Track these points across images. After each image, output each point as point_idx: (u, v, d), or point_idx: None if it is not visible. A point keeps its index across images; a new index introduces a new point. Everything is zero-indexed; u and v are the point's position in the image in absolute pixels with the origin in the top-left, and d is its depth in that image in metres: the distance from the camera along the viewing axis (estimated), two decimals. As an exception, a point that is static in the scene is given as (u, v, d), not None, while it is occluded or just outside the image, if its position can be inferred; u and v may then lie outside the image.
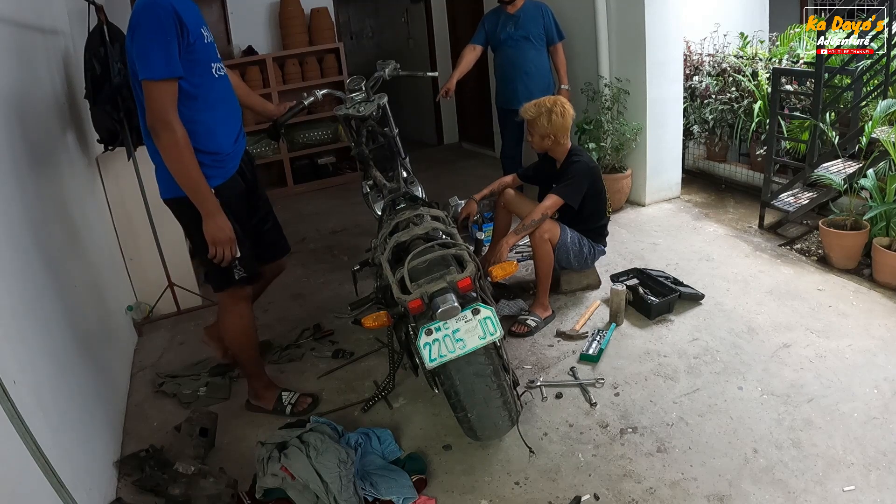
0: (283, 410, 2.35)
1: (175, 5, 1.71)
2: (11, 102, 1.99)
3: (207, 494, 1.85)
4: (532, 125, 2.79)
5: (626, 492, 1.85)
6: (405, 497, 1.87)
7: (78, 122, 2.79)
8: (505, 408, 1.93)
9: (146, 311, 3.18)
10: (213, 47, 1.92)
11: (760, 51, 4.16)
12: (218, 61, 1.96)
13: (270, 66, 5.16)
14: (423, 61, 6.47)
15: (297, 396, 2.39)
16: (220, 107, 1.95)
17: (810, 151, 3.38)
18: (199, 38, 1.81)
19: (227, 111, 2.00)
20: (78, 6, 2.86)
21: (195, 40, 1.78)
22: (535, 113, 2.76)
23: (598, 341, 2.58)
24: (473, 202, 3.05)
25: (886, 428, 1.99)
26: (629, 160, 4.12)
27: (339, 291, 3.39)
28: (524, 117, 2.82)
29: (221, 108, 1.96)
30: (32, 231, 1.92)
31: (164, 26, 1.68)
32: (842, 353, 2.39)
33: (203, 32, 1.85)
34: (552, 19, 3.83)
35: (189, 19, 1.76)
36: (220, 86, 1.95)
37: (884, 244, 2.84)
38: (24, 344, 1.64)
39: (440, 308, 1.73)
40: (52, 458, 1.49)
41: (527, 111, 2.79)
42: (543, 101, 2.78)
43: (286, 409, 2.35)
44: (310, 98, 2.67)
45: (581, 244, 2.87)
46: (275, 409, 2.36)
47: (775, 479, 1.83)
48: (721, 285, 2.99)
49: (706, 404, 2.20)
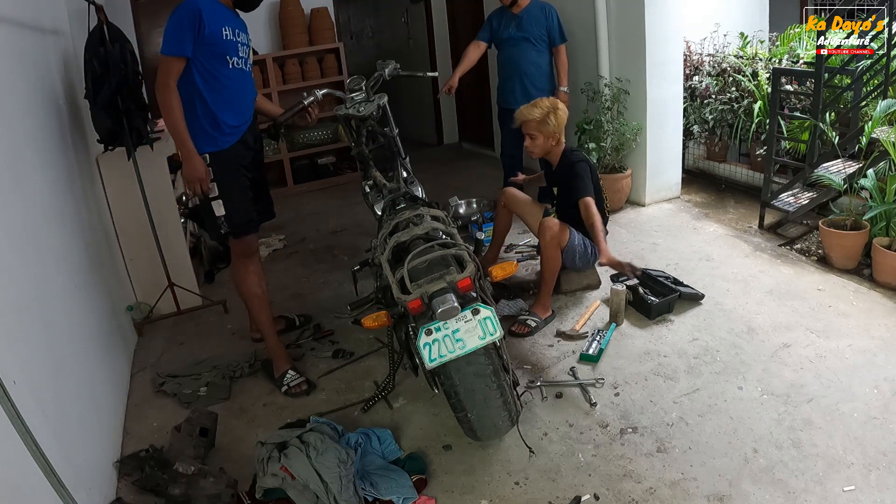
0: (280, 386, 2.51)
1: (201, 6, 2.16)
2: (11, 102, 1.99)
3: (207, 494, 1.85)
4: (540, 126, 2.74)
5: (626, 492, 1.85)
6: (405, 497, 1.87)
7: (78, 122, 2.79)
8: (505, 408, 1.93)
9: (146, 311, 3.18)
10: (233, 44, 2.30)
11: (760, 51, 4.17)
12: (237, 55, 2.33)
13: (270, 66, 5.16)
14: (423, 61, 6.47)
15: (299, 380, 2.51)
16: (228, 89, 2.32)
17: (810, 151, 3.38)
18: (216, 34, 2.22)
19: (233, 94, 2.35)
20: (78, 6, 2.86)
21: (211, 34, 2.19)
22: (542, 113, 2.73)
23: (598, 341, 2.58)
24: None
25: (886, 428, 1.99)
26: (629, 160, 4.12)
27: (339, 291, 3.39)
28: (528, 118, 2.75)
29: (228, 90, 2.32)
30: (32, 231, 1.93)
31: (184, 19, 2.15)
32: (842, 353, 2.39)
33: (224, 31, 2.25)
34: (556, 21, 3.83)
35: (210, 19, 2.18)
36: (231, 73, 2.32)
37: (884, 244, 2.84)
38: (24, 344, 1.64)
39: (440, 308, 1.73)
40: (52, 458, 1.49)
41: (531, 112, 2.74)
42: (542, 102, 2.77)
43: (282, 388, 2.50)
44: (310, 98, 2.67)
45: (585, 245, 2.87)
46: (277, 379, 2.54)
47: (775, 479, 1.83)
48: (721, 285, 2.99)
49: (706, 404, 2.20)
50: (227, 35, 2.27)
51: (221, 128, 2.34)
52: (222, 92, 2.30)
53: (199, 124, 2.31)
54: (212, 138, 2.34)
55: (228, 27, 2.28)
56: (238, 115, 2.39)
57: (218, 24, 2.24)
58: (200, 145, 2.33)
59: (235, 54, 2.33)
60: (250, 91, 2.49)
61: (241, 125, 2.41)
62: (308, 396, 2.47)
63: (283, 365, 2.56)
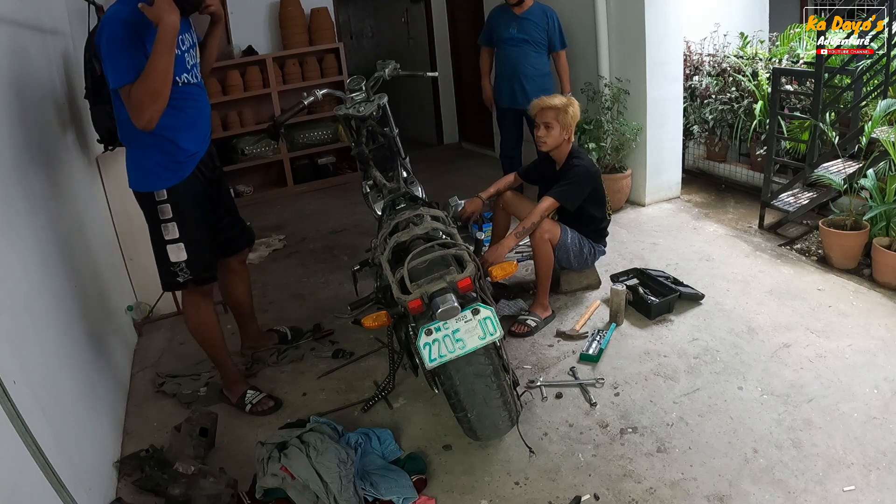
0: (243, 408, 2.40)
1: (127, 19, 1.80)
2: (11, 102, 1.99)
3: (207, 494, 1.85)
4: (559, 115, 2.72)
5: (626, 492, 1.85)
6: (405, 497, 1.87)
7: (78, 122, 2.79)
8: (505, 408, 1.92)
9: (146, 311, 3.18)
10: (179, 59, 1.95)
11: (760, 51, 4.17)
12: (186, 71, 2.02)
13: (270, 66, 5.16)
14: (423, 61, 6.46)
15: (260, 397, 2.41)
16: (182, 111, 2.02)
17: (810, 151, 3.38)
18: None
19: (190, 115, 2.07)
20: (78, 6, 2.86)
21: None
22: (563, 103, 2.72)
23: (598, 341, 2.58)
24: (479, 200, 3.04)
25: (886, 428, 1.99)
26: (629, 160, 4.12)
27: (339, 291, 3.39)
28: (548, 105, 2.72)
29: (183, 112, 2.03)
30: (32, 231, 1.93)
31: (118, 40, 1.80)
32: (842, 353, 2.39)
33: None
34: (557, 26, 3.83)
35: (145, 32, 1.82)
36: (185, 92, 2.02)
37: (884, 244, 2.84)
38: (24, 344, 1.64)
39: (440, 308, 1.73)
40: (52, 458, 1.49)
41: (553, 99, 2.74)
42: (560, 96, 2.79)
43: (245, 406, 2.39)
44: (310, 98, 2.67)
45: (581, 244, 2.87)
46: (237, 404, 2.42)
47: (775, 479, 1.83)
48: (721, 285, 2.99)
49: (706, 404, 2.20)
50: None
51: (176, 156, 2.04)
52: (177, 115, 1.99)
53: (149, 159, 2.01)
54: (167, 171, 2.04)
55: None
56: (197, 139, 2.11)
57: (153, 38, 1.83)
58: (151, 183, 2.03)
59: (184, 70, 2.01)
60: (206, 106, 2.17)
61: (199, 150, 2.13)
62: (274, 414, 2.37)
63: (240, 388, 2.43)
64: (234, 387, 2.44)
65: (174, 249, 2.12)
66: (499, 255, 2.63)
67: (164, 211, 2.08)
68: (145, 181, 2.06)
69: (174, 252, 2.12)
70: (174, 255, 2.13)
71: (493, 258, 2.62)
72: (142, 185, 2.07)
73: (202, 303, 2.30)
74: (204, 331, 2.34)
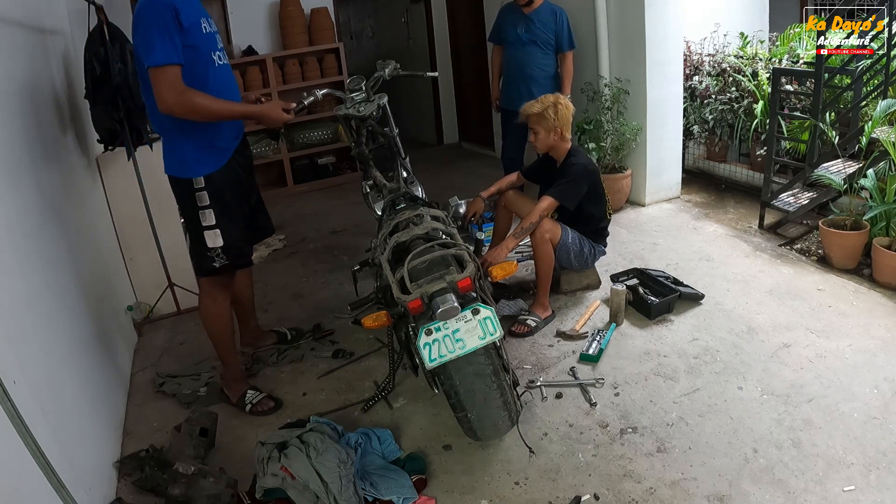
0: (243, 407, 2.39)
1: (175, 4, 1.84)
2: (11, 102, 1.99)
3: (207, 494, 1.85)
4: (539, 119, 2.75)
5: (626, 492, 1.85)
6: (405, 497, 1.87)
7: (78, 122, 2.79)
8: (505, 408, 1.92)
9: (146, 311, 3.18)
10: (212, 37, 2.03)
11: (760, 51, 4.16)
12: (219, 50, 2.06)
13: (270, 66, 5.16)
14: (423, 61, 6.47)
15: (261, 398, 2.41)
16: (221, 93, 2.03)
17: (810, 151, 3.37)
18: (195, 27, 1.93)
19: (227, 97, 2.07)
20: (78, 6, 2.86)
21: (190, 27, 1.89)
22: (542, 107, 2.74)
23: (598, 341, 2.58)
24: (480, 200, 3.04)
25: (886, 428, 1.99)
26: (629, 160, 4.12)
27: (339, 291, 3.39)
28: (529, 112, 2.77)
29: (222, 94, 2.04)
30: (32, 231, 1.93)
31: (159, 18, 1.83)
32: (842, 353, 2.39)
33: (202, 23, 1.97)
34: (566, 27, 3.80)
35: (185, 11, 1.88)
36: (221, 73, 2.06)
37: (884, 244, 2.84)
38: (24, 344, 1.64)
39: (440, 308, 1.73)
40: (52, 458, 1.49)
41: (532, 107, 2.76)
42: (546, 98, 2.78)
43: (245, 406, 2.39)
44: (310, 98, 2.67)
45: (581, 244, 2.87)
46: (237, 403, 2.42)
47: (775, 479, 1.83)
48: (721, 285, 2.99)
49: (706, 404, 2.20)
50: (206, 28, 1.99)
51: (216, 143, 2.07)
52: (217, 97, 2.01)
53: (188, 146, 2.04)
54: (207, 157, 2.07)
55: (204, 18, 1.99)
56: (237, 124, 2.17)
57: (195, 16, 1.92)
58: (191, 169, 2.06)
59: (217, 48, 2.05)
60: (236, 87, 2.19)
61: (239, 133, 2.19)
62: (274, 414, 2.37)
63: (240, 387, 2.43)
64: (235, 385, 2.44)
65: (211, 235, 2.15)
66: (499, 255, 2.63)
67: (202, 198, 2.10)
68: (184, 167, 2.06)
69: (211, 238, 2.15)
70: (211, 241, 2.16)
71: (493, 259, 2.62)
72: (180, 172, 2.07)
73: (219, 294, 2.31)
74: (216, 323, 2.34)
